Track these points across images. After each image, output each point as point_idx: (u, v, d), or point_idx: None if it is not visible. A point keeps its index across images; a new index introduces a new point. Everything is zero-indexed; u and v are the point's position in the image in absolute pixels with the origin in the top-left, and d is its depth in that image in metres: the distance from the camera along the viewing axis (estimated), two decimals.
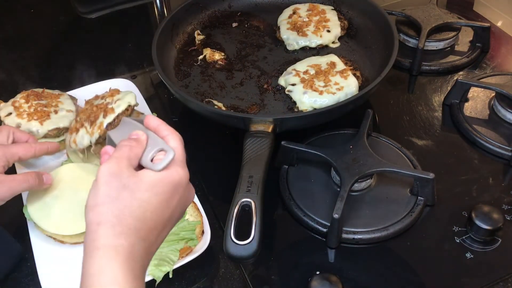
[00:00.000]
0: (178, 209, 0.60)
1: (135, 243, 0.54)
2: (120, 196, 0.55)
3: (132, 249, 0.53)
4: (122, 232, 0.53)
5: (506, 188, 0.85)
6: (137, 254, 0.54)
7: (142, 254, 0.55)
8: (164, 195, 0.57)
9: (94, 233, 0.53)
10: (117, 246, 0.52)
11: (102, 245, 0.52)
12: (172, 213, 0.59)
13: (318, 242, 0.80)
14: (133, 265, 0.53)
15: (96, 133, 0.84)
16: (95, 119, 0.85)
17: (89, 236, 0.54)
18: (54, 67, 1.21)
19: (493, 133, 0.93)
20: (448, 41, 1.14)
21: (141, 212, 0.55)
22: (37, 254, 0.78)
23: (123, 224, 0.54)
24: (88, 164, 0.88)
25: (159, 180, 0.57)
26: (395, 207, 0.81)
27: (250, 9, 1.22)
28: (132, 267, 0.53)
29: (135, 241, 0.54)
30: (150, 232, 0.56)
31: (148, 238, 0.55)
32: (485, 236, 0.77)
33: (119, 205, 0.54)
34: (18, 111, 0.92)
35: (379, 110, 1.00)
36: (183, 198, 0.60)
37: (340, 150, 0.84)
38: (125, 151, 0.58)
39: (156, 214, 0.56)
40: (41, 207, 0.81)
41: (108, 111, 0.85)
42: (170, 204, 0.58)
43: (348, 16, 1.16)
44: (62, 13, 1.39)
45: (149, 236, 0.56)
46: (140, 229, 0.55)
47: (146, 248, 0.55)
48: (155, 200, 0.56)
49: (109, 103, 0.87)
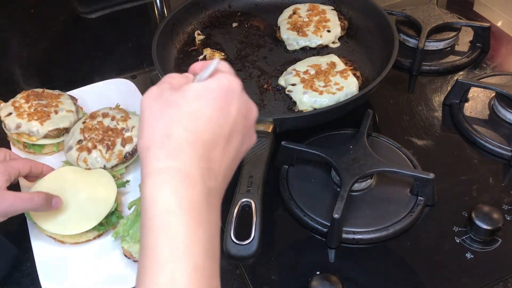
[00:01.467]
0: (240, 120, 0.51)
1: (191, 162, 0.46)
2: (165, 114, 0.48)
3: (188, 170, 0.45)
4: (173, 150, 0.46)
5: (506, 188, 0.85)
6: (195, 175, 0.46)
7: (204, 174, 0.47)
8: (217, 102, 0.49)
9: (144, 160, 0.47)
10: (168, 168, 0.45)
11: (153, 170, 0.46)
12: (233, 124, 0.50)
13: (318, 242, 0.80)
14: (190, 189, 0.45)
15: (114, 161, 0.87)
16: (113, 145, 0.87)
17: (141, 166, 0.47)
18: (54, 67, 1.21)
19: (493, 133, 0.93)
20: (448, 41, 1.14)
21: (193, 123, 0.47)
22: (37, 254, 0.78)
23: (173, 141, 0.46)
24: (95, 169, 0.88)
25: (206, 87, 0.49)
26: (395, 207, 0.81)
27: (250, 9, 1.22)
28: (189, 192, 0.45)
29: (190, 159, 0.46)
30: (208, 147, 0.48)
31: (208, 154, 0.47)
32: (485, 236, 0.77)
33: (166, 122, 0.47)
34: (18, 111, 0.92)
35: (379, 110, 1.00)
36: (243, 108, 0.51)
37: (340, 150, 0.84)
38: (165, 78, 0.52)
39: (212, 125, 0.48)
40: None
41: (126, 139, 0.88)
42: (228, 113, 0.50)
43: (348, 16, 1.16)
44: (62, 13, 1.39)
45: (209, 152, 0.47)
46: (194, 144, 0.47)
47: (207, 169, 0.47)
48: (207, 109, 0.48)
49: (124, 129, 0.90)
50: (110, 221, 0.81)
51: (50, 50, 1.28)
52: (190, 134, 0.47)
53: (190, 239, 0.44)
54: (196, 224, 0.45)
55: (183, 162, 0.46)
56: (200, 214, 0.45)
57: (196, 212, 0.45)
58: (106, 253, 0.79)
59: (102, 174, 0.85)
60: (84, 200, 0.81)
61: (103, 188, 0.83)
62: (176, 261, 0.43)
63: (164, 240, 0.44)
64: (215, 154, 0.48)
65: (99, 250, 0.80)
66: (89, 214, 0.79)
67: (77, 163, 0.87)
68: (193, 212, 0.45)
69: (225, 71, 0.52)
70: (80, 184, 0.83)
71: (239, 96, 0.51)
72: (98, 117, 0.92)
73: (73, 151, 0.88)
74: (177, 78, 0.53)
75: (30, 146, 0.93)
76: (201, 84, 0.50)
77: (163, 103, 0.49)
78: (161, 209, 0.44)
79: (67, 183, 0.83)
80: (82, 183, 0.83)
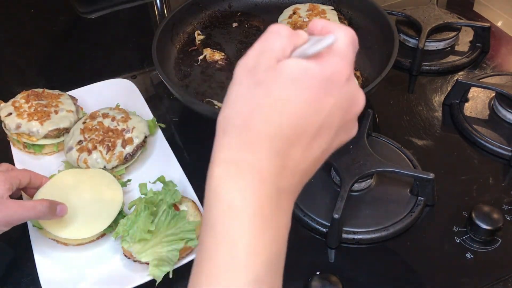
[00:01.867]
0: (336, 115, 0.44)
1: (264, 158, 0.41)
2: (252, 95, 0.42)
3: (260, 166, 0.41)
4: (249, 142, 0.41)
5: (506, 188, 0.85)
6: (267, 173, 0.41)
7: (277, 173, 0.42)
8: (312, 93, 0.42)
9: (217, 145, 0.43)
10: (239, 161, 0.41)
11: (223, 159, 0.42)
12: (325, 120, 0.44)
13: (318, 242, 0.80)
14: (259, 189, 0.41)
15: (115, 162, 0.87)
16: (113, 146, 0.87)
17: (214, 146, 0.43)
18: (54, 67, 1.21)
19: (493, 133, 0.93)
20: (448, 41, 1.14)
21: (276, 114, 0.42)
22: (37, 254, 0.78)
23: (251, 131, 0.41)
24: (95, 169, 0.87)
25: (304, 70, 0.42)
26: (395, 207, 0.81)
27: (250, 9, 1.22)
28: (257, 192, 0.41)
29: (264, 155, 0.41)
30: (289, 143, 0.42)
31: (286, 152, 0.42)
32: (485, 236, 0.77)
33: (250, 106, 0.42)
34: (19, 111, 0.92)
35: (379, 110, 1.00)
36: (343, 102, 0.45)
37: (340, 150, 0.83)
38: (269, 40, 0.45)
39: (297, 119, 0.42)
40: None
41: (127, 141, 0.88)
42: (321, 107, 0.43)
43: (348, 16, 1.16)
44: (62, 13, 1.39)
45: (288, 149, 0.42)
46: (273, 138, 0.42)
47: (282, 167, 0.42)
48: (296, 99, 0.42)
49: (125, 130, 0.89)
50: (117, 220, 0.80)
51: (50, 50, 1.28)
52: (271, 127, 0.41)
53: (252, 248, 0.40)
54: (261, 230, 0.41)
55: (257, 157, 0.41)
56: (266, 219, 0.41)
57: (263, 217, 0.41)
58: (106, 253, 0.79)
59: (103, 174, 0.85)
60: (91, 202, 0.81)
61: (107, 188, 0.83)
62: (235, 272, 0.40)
63: (225, 246, 0.41)
64: (295, 152, 0.43)
65: (99, 250, 0.80)
66: (99, 216, 0.79)
67: (77, 164, 0.87)
68: (259, 216, 0.41)
69: (338, 53, 0.44)
70: (83, 186, 0.83)
71: (341, 87, 0.44)
72: (98, 118, 0.92)
73: (73, 152, 0.88)
74: (283, 40, 0.44)
75: (30, 146, 0.93)
76: (300, 66, 0.43)
77: (254, 82, 0.43)
78: (224, 208, 0.41)
79: (69, 187, 0.83)
80: (85, 185, 0.83)
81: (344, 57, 0.45)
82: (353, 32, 0.47)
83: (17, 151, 0.94)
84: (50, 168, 0.91)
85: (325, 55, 0.44)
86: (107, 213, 0.79)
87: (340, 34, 0.45)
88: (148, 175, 0.88)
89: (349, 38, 0.46)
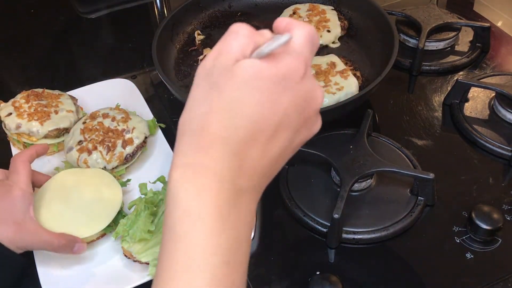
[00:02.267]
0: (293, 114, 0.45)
1: (220, 159, 0.41)
2: (207, 99, 0.43)
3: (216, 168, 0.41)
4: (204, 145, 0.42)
5: (506, 188, 0.85)
6: (224, 175, 0.42)
7: (234, 174, 0.42)
8: (263, 93, 0.42)
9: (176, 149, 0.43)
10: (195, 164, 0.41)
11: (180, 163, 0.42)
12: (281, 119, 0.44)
13: (318, 242, 0.80)
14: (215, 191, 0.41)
15: (115, 162, 0.87)
16: (113, 147, 0.87)
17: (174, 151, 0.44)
18: (54, 67, 1.21)
19: (493, 133, 0.93)
20: (448, 41, 1.14)
21: (229, 116, 0.42)
22: (36, 254, 0.78)
23: (206, 134, 0.42)
24: (93, 169, 0.87)
25: (257, 72, 0.42)
26: (395, 207, 0.81)
27: (250, 9, 1.22)
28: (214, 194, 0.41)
29: (220, 157, 0.42)
30: (244, 144, 0.42)
31: (242, 153, 0.42)
32: (485, 236, 0.77)
33: (204, 109, 0.43)
34: (19, 111, 0.92)
35: (379, 110, 1.00)
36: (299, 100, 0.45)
37: (340, 150, 0.84)
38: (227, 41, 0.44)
39: (251, 120, 0.42)
40: (51, 216, 0.78)
41: (127, 141, 0.88)
42: (276, 107, 0.43)
43: (348, 16, 1.16)
44: (62, 13, 1.39)
45: (243, 151, 0.42)
46: (227, 140, 0.42)
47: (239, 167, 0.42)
48: (249, 100, 0.42)
49: (125, 130, 0.90)
50: (117, 220, 0.80)
51: (50, 50, 1.28)
52: (225, 130, 0.42)
53: (209, 248, 0.41)
54: (218, 231, 0.41)
55: (212, 159, 0.42)
56: (224, 220, 0.42)
57: (220, 217, 0.41)
58: (106, 253, 0.79)
59: (103, 174, 0.85)
60: (91, 201, 0.80)
61: (107, 187, 0.83)
62: (193, 273, 0.41)
63: (183, 248, 0.41)
64: (252, 152, 0.43)
65: (98, 250, 0.80)
66: (98, 215, 0.79)
67: (78, 164, 0.87)
68: (216, 217, 0.41)
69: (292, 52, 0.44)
70: (83, 186, 0.83)
71: (296, 86, 0.44)
72: (99, 118, 0.92)
73: (73, 152, 0.88)
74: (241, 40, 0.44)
75: None
76: (253, 66, 0.42)
77: (209, 85, 0.43)
78: (182, 210, 0.41)
79: (69, 186, 0.82)
80: (85, 185, 0.83)
81: (298, 55, 0.44)
82: (311, 29, 0.46)
83: (17, 151, 0.95)
84: (50, 168, 0.91)
85: (280, 54, 0.44)
86: (106, 213, 0.79)
87: (297, 32, 0.45)
88: (148, 175, 0.88)
89: (306, 36, 0.46)
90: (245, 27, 0.45)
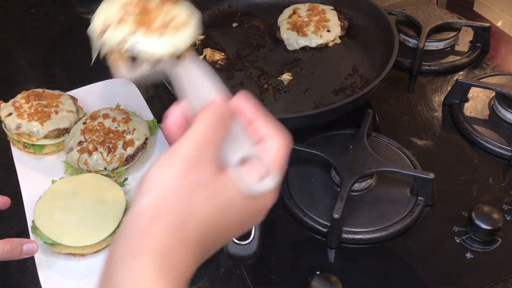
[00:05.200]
0: (239, 231, 0.49)
1: (185, 261, 0.41)
2: (194, 198, 0.42)
3: (181, 269, 0.41)
4: (180, 244, 0.41)
5: (506, 188, 0.85)
6: (182, 274, 0.41)
7: (187, 273, 0.42)
8: (237, 220, 0.45)
9: (140, 229, 0.40)
10: (166, 259, 0.39)
11: (148, 251, 0.39)
12: (229, 235, 0.47)
13: (318, 242, 0.80)
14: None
15: (115, 164, 0.87)
16: (114, 148, 0.87)
17: (132, 228, 0.40)
18: (54, 67, 1.21)
19: (493, 133, 0.93)
20: (448, 41, 1.14)
21: (208, 228, 0.43)
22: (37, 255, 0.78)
23: (183, 233, 0.41)
24: (87, 174, 0.87)
25: (246, 204, 0.45)
26: (395, 207, 0.81)
27: (250, 9, 1.22)
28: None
29: (186, 259, 0.41)
30: (204, 251, 0.44)
31: (200, 256, 0.44)
32: (485, 236, 0.77)
33: (190, 208, 0.42)
34: (19, 111, 0.92)
35: (379, 110, 1.00)
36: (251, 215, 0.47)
37: (340, 150, 0.84)
38: (209, 132, 0.43)
39: (219, 234, 0.45)
40: (56, 227, 0.78)
41: (128, 142, 0.88)
42: (238, 228, 0.47)
43: (348, 16, 1.16)
44: (62, 13, 1.39)
45: (202, 255, 0.44)
46: (198, 246, 0.42)
47: (190, 266, 0.42)
48: (225, 223, 0.44)
49: (126, 131, 0.89)
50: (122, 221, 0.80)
51: (50, 50, 1.28)
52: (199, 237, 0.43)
53: None
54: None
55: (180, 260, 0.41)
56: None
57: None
58: (106, 253, 0.79)
59: (98, 178, 0.84)
60: (94, 206, 0.80)
61: (107, 190, 0.82)
62: None
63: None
64: (204, 255, 0.44)
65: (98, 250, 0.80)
66: (105, 219, 0.78)
67: (78, 165, 0.87)
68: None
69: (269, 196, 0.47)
70: (81, 192, 0.82)
71: (261, 215, 0.48)
72: (99, 118, 0.92)
73: (73, 153, 0.88)
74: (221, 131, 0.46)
75: (30, 146, 0.93)
76: (242, 198, 0.44)
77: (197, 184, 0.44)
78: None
79: (68, 195, 0.82)
80: (83, 191, 0.82)
81: (276, 189, 0.47)
82: (287, 141, 0.48)
83: (17, 151, 0.94)
84: (50, 168, 0.91)
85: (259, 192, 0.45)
86: (112, 214, 0.79)
87: (275, 153, 0.47)
88: None
89: (282, 153, 0.47)
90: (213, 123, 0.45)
